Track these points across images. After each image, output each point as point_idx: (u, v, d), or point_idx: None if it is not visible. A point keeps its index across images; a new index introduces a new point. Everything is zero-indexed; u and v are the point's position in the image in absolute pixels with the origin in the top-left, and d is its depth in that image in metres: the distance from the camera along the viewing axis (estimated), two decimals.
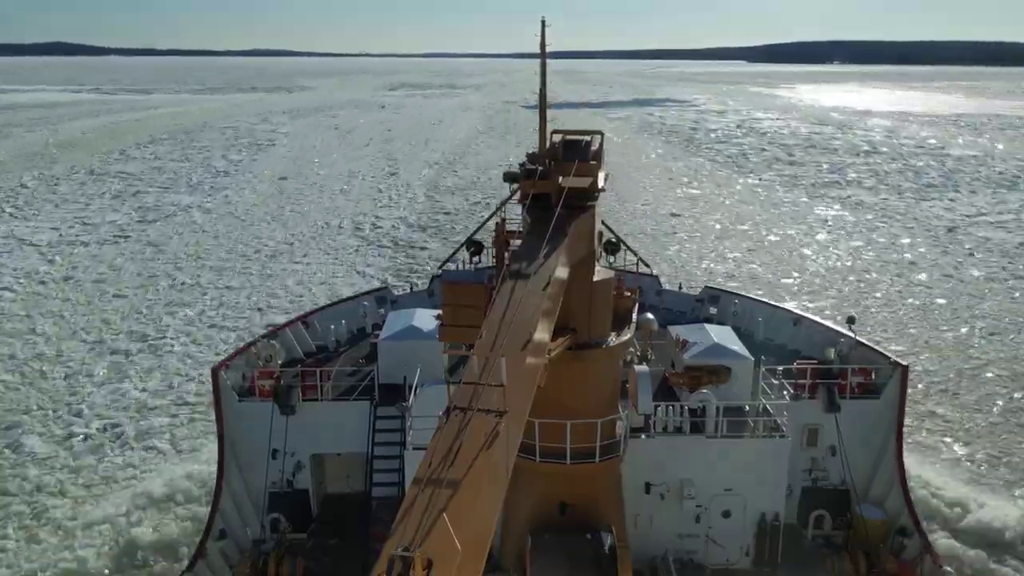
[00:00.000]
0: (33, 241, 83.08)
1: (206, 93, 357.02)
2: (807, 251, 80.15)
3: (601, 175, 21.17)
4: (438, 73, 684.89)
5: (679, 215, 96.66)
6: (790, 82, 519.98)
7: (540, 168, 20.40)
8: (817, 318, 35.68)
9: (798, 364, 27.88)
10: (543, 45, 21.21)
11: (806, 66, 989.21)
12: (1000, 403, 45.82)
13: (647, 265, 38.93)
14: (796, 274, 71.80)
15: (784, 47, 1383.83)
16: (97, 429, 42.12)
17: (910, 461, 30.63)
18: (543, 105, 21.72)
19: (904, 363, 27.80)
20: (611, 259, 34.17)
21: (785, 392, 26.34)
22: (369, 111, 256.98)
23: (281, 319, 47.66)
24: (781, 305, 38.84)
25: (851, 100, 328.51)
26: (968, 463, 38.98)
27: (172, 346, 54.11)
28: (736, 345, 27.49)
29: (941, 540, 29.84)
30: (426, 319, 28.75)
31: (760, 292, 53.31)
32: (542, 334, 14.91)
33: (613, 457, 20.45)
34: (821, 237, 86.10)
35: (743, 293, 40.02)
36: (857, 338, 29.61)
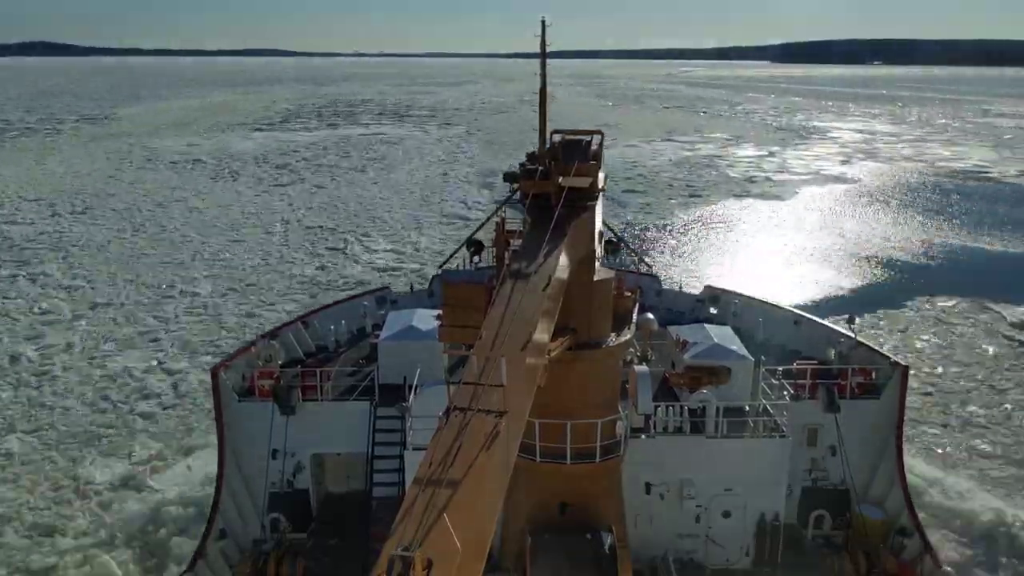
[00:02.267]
0: None
1: None
2: None
3: (601, 175, 21.19)
4: (411, 79, 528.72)
5: None
6: (964, 95, 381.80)
7: (540, 168, 20.40)
8: (817, 318, 35.65)
9: (798, 364, 27.89)
10: (543, 45, 21.22)
11: (854, 68, 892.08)
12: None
13: (647, 265, 38.94)
14: None
15: (803, 46, 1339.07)
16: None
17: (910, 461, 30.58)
18: (543, 105, 21.74)
19: (904, 363, 27.83)
20: (611, 259, 34.15)
21: (785, 392, 26.35)
22: None
23: None
24: (781, 305, 38.81)
25: None
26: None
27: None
28: (736, 345, 27.51)
29: (941, 540, 29.86)
30: (426, 319, 28.75)
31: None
32: (542, 334, 14.90)
33: (613, 457, 20.44)
34: None
35: (743, 293, 39.99)
36: (857, 338, 29.62)
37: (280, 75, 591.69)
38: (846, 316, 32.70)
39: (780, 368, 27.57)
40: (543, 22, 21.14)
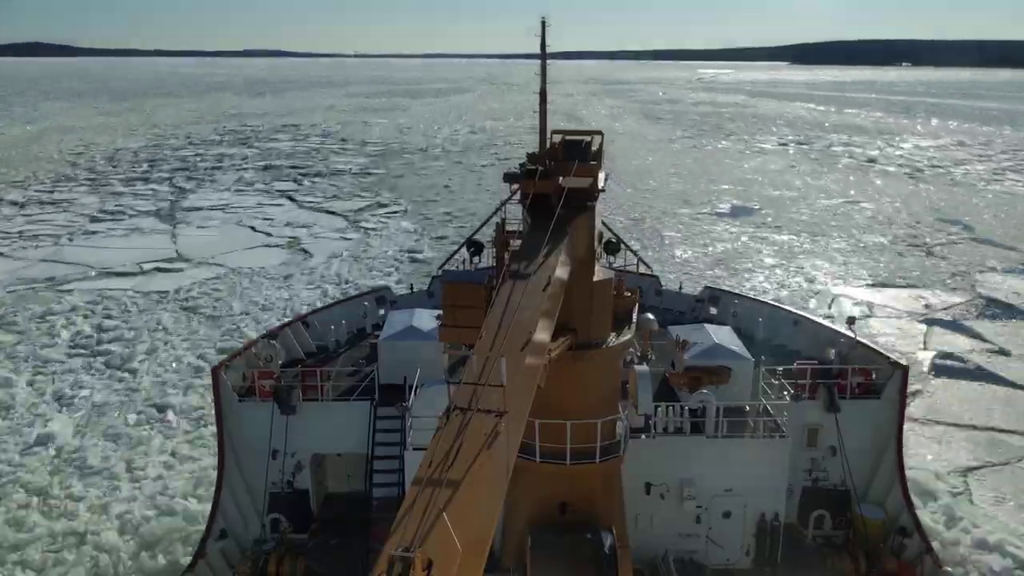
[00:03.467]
0: None
1: None
2: None
3: (601, 175, 21.16)
4: (392, 84, 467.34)
5: None
6: None
7: (540, 168, 20.37)
8: (817, 318, 35.68)
9: (798, 364, 27.90)
10: (543, 45, 21.18)
11: (891, 71, 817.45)
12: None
13: (647, 265, 38.92)
14: None
15: (821, 46, 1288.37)
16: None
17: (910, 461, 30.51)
18: (543, 105, 21.70)
19: (904, 363, 27.82)
20: (611, 259, 34.12)
21: (785, 392, 26.37)
22: None
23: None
24: (781, 305, 38.82)
25: None
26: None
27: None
28: (736, 345, 27.52)
29: (941, 540, 29.87)
30: (426, 319, 28.80)
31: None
32: (542, 334, 14.88)
33: (613, 457, 20.42)
34: None
35: (743, 293, 40.02)
36: (857, 338, 29.61)
37: (228, 82, 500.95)
38: (846, 316, 32.67)
39: (780, 368, 27.58)
40: (543, 22, 21.08)
